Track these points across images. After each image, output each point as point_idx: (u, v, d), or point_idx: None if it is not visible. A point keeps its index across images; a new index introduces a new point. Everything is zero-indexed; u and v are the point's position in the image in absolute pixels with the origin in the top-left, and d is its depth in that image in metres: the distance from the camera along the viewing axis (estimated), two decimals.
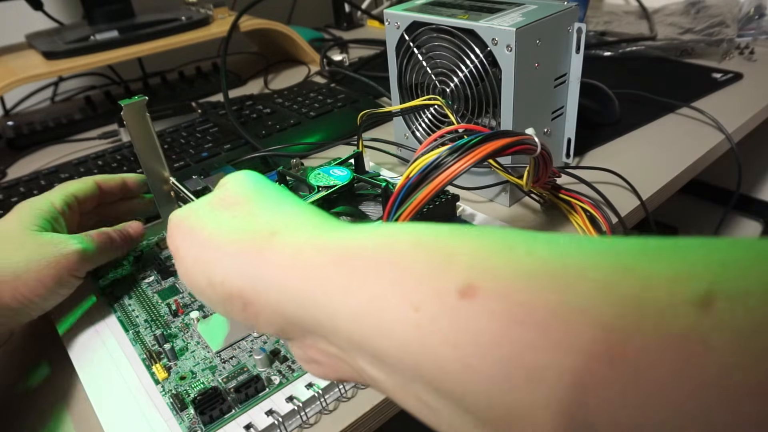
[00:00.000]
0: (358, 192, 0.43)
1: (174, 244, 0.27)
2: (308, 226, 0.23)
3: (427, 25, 0.46)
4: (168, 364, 0.34)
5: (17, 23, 0.84)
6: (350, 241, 0.20)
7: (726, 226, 0.98)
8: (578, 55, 0.45)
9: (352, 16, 1.10)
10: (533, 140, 0.35)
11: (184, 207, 0.29)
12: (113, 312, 0.40)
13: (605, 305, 0.14)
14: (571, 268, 0.15)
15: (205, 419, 0.30)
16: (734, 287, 0.13)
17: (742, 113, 0.60)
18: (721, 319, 0.13)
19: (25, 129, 0.73)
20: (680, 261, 0.14)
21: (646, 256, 0.15)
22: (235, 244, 0.23)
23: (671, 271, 0.14)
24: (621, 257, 0.15)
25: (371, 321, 0.18)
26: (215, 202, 0.27)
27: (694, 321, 0.13)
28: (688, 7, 0.85)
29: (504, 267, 0.16)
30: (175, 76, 0.86)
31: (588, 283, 0.15)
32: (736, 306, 0.13)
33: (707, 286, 0.13)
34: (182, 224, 0.27)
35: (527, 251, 0.17)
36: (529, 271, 0.16)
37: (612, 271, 0.15)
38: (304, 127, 0.64)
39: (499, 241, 0.17)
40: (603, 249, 0.16)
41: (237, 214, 0.25)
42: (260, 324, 0.23)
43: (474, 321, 0.16)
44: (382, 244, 0.19)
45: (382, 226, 0.21)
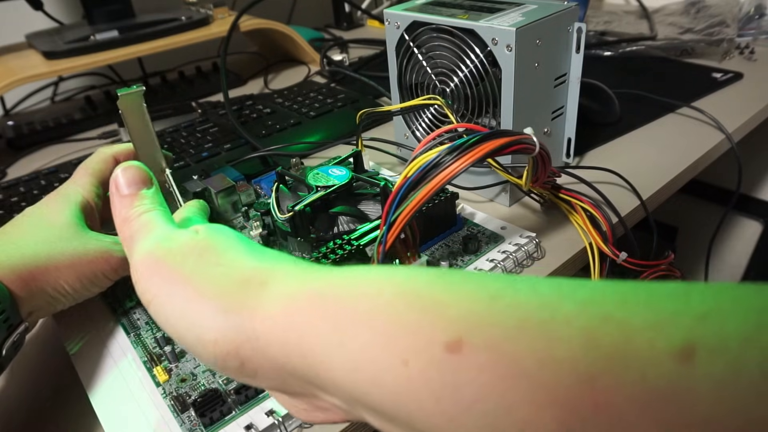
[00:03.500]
0: (356, 191, 0.43)
1: (150, 290, 0.23)
2: (295, 273, 0.22)
3: (427, 25, 0.46)
4: (169, 366, 0.34)
5: (17, 23, 0.84)
6: (340, 288, 0.20)
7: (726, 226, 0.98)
8: (578, 55, 0.45)
9: (352, 16, 1.10)
10: (532, 140, 0.35)
11: (150, 241, 0.25)
12: (115, 315, 0.40)
13: (590, 357, 0.14)
14: (556, 318, 0.15)
15: (206, 421, 0.30)
16: (713, 337, 0.13)
17: (742, 113, 0.60)
18: (703, 371, 0.13)
19: (25, 129, 0.73)
20: (659, 310, 0.14)
21: (626, 304, 0.15)
22: (225, 297, 0.21)
23: (651, 320, 0.14)
24: (603, 306, 0.15)
25: (365, 374, 0.18)
26: (191, 244, 0.24)
27: (676, 374, 0.13)
28: (688, 7, 0.85)
29: (490, 318, 0.16)
30: (175, 76, 0.86)
31: (573, 332, 0.15)
32: (716, 357, 0.13)
33: (686, 336, 0.13)
34: (159, 265, 0.24)
35: (512, 301, 0.17)
36: (516, 323, 0.16)
37: (595, 320, 0.15)
38: (304, 127, 0.64)
39: (482, 290, 0.17)
40: (585, 297, 0.16)
41: (221, 262, 0.23)
42: (258, 379, 0.21)
43: (461, 375, 0.16)
44: (369, 294, 0.19)
45: (367, 272, 0.20)
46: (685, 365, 0.13)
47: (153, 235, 0.26)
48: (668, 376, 0.13)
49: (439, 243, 0.43)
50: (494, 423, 0.15)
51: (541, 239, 0.43)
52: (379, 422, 0.19)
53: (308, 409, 0.22)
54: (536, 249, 0.41)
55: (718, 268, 1.02)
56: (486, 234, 0.43)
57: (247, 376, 0.21)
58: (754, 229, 0.95)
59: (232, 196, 0.48)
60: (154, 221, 0.27)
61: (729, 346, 0.13)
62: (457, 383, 0.16)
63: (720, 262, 1.02)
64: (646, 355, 0.14)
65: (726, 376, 0.13)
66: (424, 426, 0.17)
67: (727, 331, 0.13)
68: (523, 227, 0.43)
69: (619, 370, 0.14)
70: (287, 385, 0.21)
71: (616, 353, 0.14)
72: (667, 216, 1.04)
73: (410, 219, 0.32)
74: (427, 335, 0.17)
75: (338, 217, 0.41)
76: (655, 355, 0.14)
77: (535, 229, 0.43)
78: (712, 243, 0.78)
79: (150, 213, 0.28)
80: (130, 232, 0.27)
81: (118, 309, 0.40)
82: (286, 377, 0.21)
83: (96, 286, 0.37)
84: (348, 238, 0.37)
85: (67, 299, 0.36)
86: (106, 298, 0.41)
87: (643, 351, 0.14)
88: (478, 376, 0.15)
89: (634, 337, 0.14)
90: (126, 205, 0.28)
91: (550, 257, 0.42)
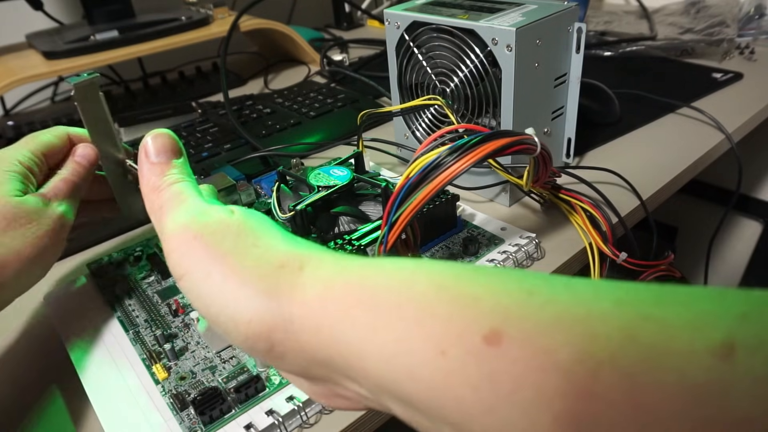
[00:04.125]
0: (358, 192, 0.43)
1: (183, 264, 0.23)
2: (329, 260, 0.21)
3: (427, 25, 0.46)
4: (168, 364, 0.34)
5: (17, 23, 0.84)
6: (373, 278, 0.20)
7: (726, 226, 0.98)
8: (578, 55, 0.45)
9: (352, 16, 1.10)
10: (533, 140, 0.35)
11: (185, 214, 0.24)
12: (114, 312, 0.40)
13: (629, 354, 0.14)
14: (593, 315, 0.16)
15: (205, 419, 0.30)
16: (753, 336, 0.13)
17: (742, 113, 0.60)
18: (742, 368, 0.13)
19: (25, 129, 0.73)
20: (697, 309, 0.15)
21: (663, 304, 0.15)
22: (264, 279, 0.21)
23: (689, 318, 0.14)
24: (640, 305, 0.15)
25: (398, 363, 0.18)
26: (228, 222, 0.23)
27: (715, 371, 0.13)
28: (688, 7, 0.85)
29: (526, 312, 0.16)
30: (175, 76, 0.86)
31: (611, 331, 0.15)
32: (755, 355, 0.13)
33: (726, 334, 0.14)
34: (196, 240, 0.23)
35: (549, 297, 0.17)
36: (552, 317, 0.16)
37: (633, 318, 0.15)
38: (304, 127, 0.64)
39: (518, 285, 0.17)
40: (621, 296, 0.16)
41: (258, 243, 0.23)
42: (285, 363, 0.21)
43: (500, 365, 0.16)
44: (404, 283, 0.19)
45: (401, 263, 0.20)
46: (725, 362, 0.13)
47: (187, 208, 0.25)
48: (707, 373, 0.13)
49: (440, 244, 0.43)
50: (530, 414, 0.15)
51: (541, 239, 0.43)
52: (406, 412, 0.19)
53: (329, 395, 0.22)
54: (536, 249, 0.41)
55: (718, 268, 1.02)
56: (486, 236, 0.43)
57: (274, 359, 0.21)
58: (754, 229, 0.95)
59: (232, 195, 0.48)
60: (185, 192, 0.26)
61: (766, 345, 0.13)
62: (495, 373, 0.16)
63: (720, 262, 1.02)
64: (686, 353, 0.14)
65: (764, 373, 0.13)
66: (457, 417, 0.17)
67: (766, 331, 0.13)
68: (523, 227, 0.43)
69: (659, 367, 0.14)
70: (311, 370, 0.21)
71: (655, 351, 0.14)
72: (667, 216, 1.04)
73: (411, 219, 0.32)
74: (465, 326, 0.17)
75: (339, 217, 0.41)
76: (694, 352, 0.14)
77: (535, 230, 0.43)
78: (712, 243, 0.78)
79: (181, 183, 0.27)
80: (160, 201, 0.26)
81: (116, 306, 0.40)
82: (313, 363, 0.21)
83: (46, 261, 0.34)
84: (349, 239, 0.37)
85: (19, 284, 0.34)
86: (105, 295, 0.41)
87: (683, 349, 0.14)
88: (516, 367, 0.16)
89: (673, 336, 0.14)
90: (156, 173, 0.27)
91: (550, 257, 0.42)
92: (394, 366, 0.18)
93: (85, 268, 0.44)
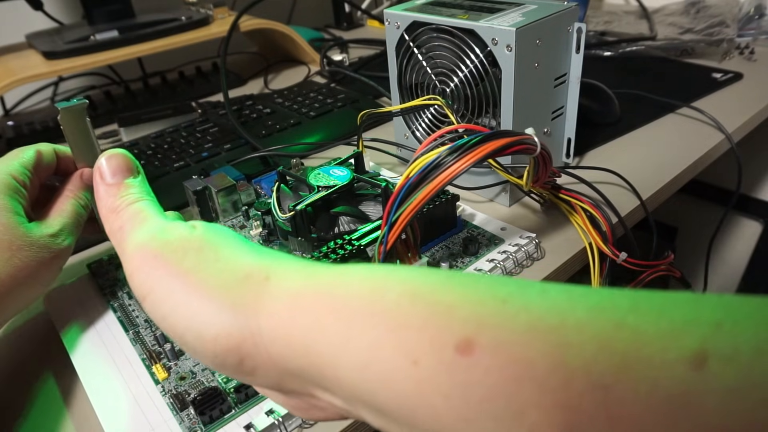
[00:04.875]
0: (357, 192, 0.43)
1: (146, 284, 0.22)
2: (297, 269, 0.21)
3: (427, 25, 0.46)
4: (168, 365, 0.34)
5: (17, 23, 0.84)
6: (344, 285, 0.19)
7: (726, 226, 0.98)
8: (578, 55, 0.45)
9: (352, 16, 1.10)
10: (533, 140, 0.35)
11: (145, 232, 0.24)
12: (113, 312, 0.40)
13: (603, 363, 0.14)
14: (567, 324, 0.15)
15: (205, 419, 0.30)
16: (726, 346, 0.13)
17: (742, 113, 0.60)
18: (714, 378, 0.13)
19: (25, 129, 0.73)
20: (672, 317, 0.14)
21: (638, 312, 0.15)
22: (228, 292, 0.21)
23: (663, 326, 0.14)
24: (614, 312, 0.15)
25: (371, 372, 0.18)
26: (189, 239, 0.23)
27: (689, 382, 0.13)
28: (688, 7, 0.85)
29: (499, 320, 0.16)
30: (175, 76, 0.86)
31: (585, 339, 0.15)
32: (728, 365, 0.13)
33: (699, 343, 0.13)
34: (157, 259, 0.22)
35: (523, 305, 0.16)
36: (526, 326, 0.16)
37: (607, 326, 0.15)
38: (304, 127, 0.64)
39: (492, 294, 0.17)
40: (596, 303, 0.16)
41: (220, 257, 0.22)
42: (257, 377, 0.21)
43: (472, 375, 0.16)
44: (376, 291, 0.19)
45: (372, 269, 0.20)
46: (698, 372, 0.13)
47: (147, 226, 0.25)
48: (680, 384, 0.13)
49: (440, 244, 0.43)
50: (504, 424, 0.15)
51: (541, 239, 0.43)
52: (380, 421, 0.19)
53: (305, 407, 0.22)
54: (536, 249, 0.41)
55: (718, 268, 1.02)
56: (486, 236, 0.43)
57: (245, 374, 0.21)
58: (754, 229, 0.95)
59: (232, 195, 0.48)
60: (145, 211, 0.26)
61: (741, 355, 0.13)
62: (467, 383, 0.16)
63: (720, 262, 1.02)
64: (659, 363, 0.14)
65: (737, 384, 0.13)
66: (430, 425, 0.17)
67: (739, 341, 0.13)
68: (523, 227, 0.43)
69: (632, 377, 0.14)
70: (284, 383, 0.21)
71: (629, 360, 0.14)
72: (667, 216, 1.04)
73: (411, 219, 0.32)
74: (437, 336, 0.17)
75: (339, 217, 0.41)
76: (667, 362, 0.14)
77: (535, 230, 0.43)
78: (712, 243, 0.78)
79: (140, 203, 0.27)
80: (119, 222, 0.26)
81: (116, 306, 0.40)
82: (285, 376, 0.20)
83: (43, 286, 0.36)
84: (349, 238, 0.37)
85: (22, 306, 0.35)
86: (105, 295, 0.41)
87: (656, 358, 0.14)
88: (488, 378, 0.15)
89: (647, 344, 0.14)
90: (112, 194, 0.27)
91: (550, 257, 0.42)
92: (367, 375, 0.18)
93: (85, 268, 0.44)
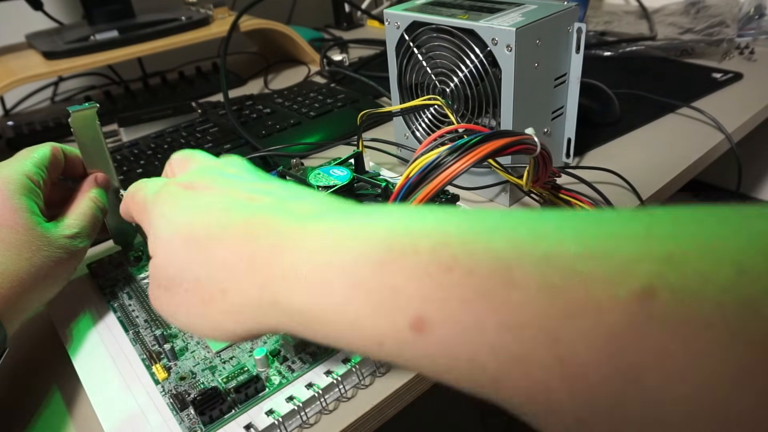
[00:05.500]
0: (358, 192, 0.43)
1: (203, 179, 0.27)
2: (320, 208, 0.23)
3: (427, 25, 0.46)
4: (168, 365, 0.34)
5: (17, 23, 0.84)
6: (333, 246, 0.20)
7: None
8: (578, 55, 0.45)
9: (352, 16, 1.10)
10: (533, 140, 0.35)
11: None
12: (113, 312, 0.40)
13: (550, 312, 0.15)
14: (515, 280, 0.16)
15: (205, 419, 0.30)
16: (675, 278, 0.14)
17: (742, 113, 0.60)
18: (662, 311, 0.14)
19: (25, 129, 0.73)
20: (621, 257, 0.15)
21: (585, 257, 0.15)
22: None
23: (612, 268, 0.15)
24: (563, 261, 0.16)
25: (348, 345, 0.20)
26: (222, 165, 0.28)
27: (635, 315, 0.14)
28: (688, 7, 0.85)
29: (447, 293, 0.17)
30: (175, 76, 0.86)
31: (532, 294, 0.15)
32: (676, 296, 0.14)
33: (647, 279, 0.14)
34: (211, 170, 0.28)
35: (468, 269, 0.17)
36: (473, 291, 0.16)
37: (555, 278, 0.15)
38: (304, 127, 0.64)
39: (437, 264, 0.17)
40: (544, 252, 0.16)
41: None
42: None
43: (430, 350, 0.17)
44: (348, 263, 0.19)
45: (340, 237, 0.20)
46: (644, 306, 0.14)
47: None
48: (627, 317, 0.14)
49: None
50: (470, 379, 0.17)
51: None
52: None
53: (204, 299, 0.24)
54: None
55: None
56: None
57: None
58: None
59: None
60: None
61: (689, 285, 0.14)
62: (430, 356, 0.17)
63: None
64: (606, 303, 0.14)
65: (684, 312, 0.13)
66: None
67: (687, 271, 0.14)
68: None
69: (578, 318, 0.15)
70: None
71: (578, 306, 0.15)
72: None
73: None
74: (392, 318, 0.18)
75: None
76: (614, 300, 0.14)
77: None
78: None
79: None
80: None
81: (116, 306, 0.40)
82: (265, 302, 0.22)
83: (59, 285, 0.37)
84: None
85: (40, 305, 0.36)
86: (105, 295, 0.41)
87: (604, 299, 0.14)
88: (446, 348, 0.17)
89: (595, 287, 0.15)
90: None
91: None
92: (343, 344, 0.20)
93: (85, 268, 0.44)
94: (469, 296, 0.16)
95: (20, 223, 0.33)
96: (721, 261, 0.14)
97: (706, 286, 0.13)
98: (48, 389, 0.36)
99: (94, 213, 0.38)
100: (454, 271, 0.17)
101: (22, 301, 0.33)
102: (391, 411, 0.33)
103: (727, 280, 0.13)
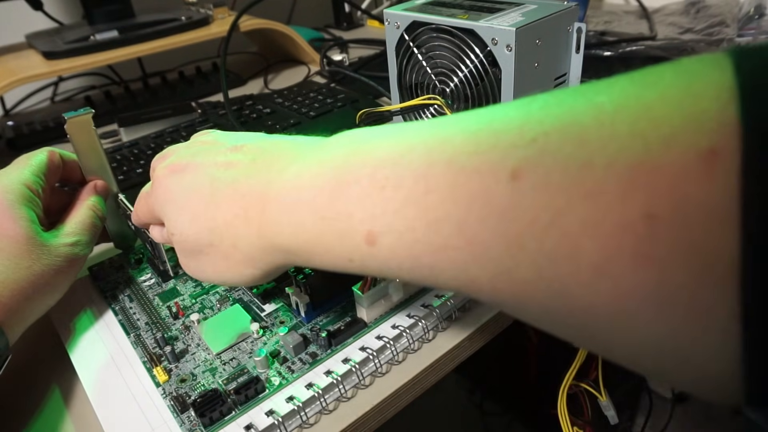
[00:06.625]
0: None
1: None
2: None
3: (427, 25, 0.46)
4: (169, 367, 0.34)
5: (17, 23, 0.84)
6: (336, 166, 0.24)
7: None
8: (578, 54, 0.45)
9: (352, 16, 1.10)
10: None
11: None
12: (114, 315, 0.40)
13: (458, 205, 0.19)
14: (430, 186, 0.19)
15: (206, 421, 0.30)
16: (536, 159, 0.17)
17: None
18: (528, 185, 0.17)
19: (25, 129, 0.73)
20: (498, 146, 0.18)
21: (471, 152, 0.19)
22: None
23: (493, 159, 0.18)
24: (461, 157, 0.19)
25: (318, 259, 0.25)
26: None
27: (510, 190, 0.18)
28: (688, 7, 0.85)
29: (384, 207, 0.21)
30: (175, 76, 0.86)
31: (443, 194, 0.19)
32: (536, 173, 0.17)
33: (514, 163, 0.17)
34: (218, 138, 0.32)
35: (395, 186, 0.21)
36: (399, 204, 0.20)
37: (456, 174, 0.19)
38: (304, 127, 0.64)
39: (373, 185, 0.21)
40: (455, 150, 0.19)
41: None
42: None
43: (383, 257, 0.22)
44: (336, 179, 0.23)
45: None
46: (514, 186, 0.17)
47: None
48: (506, 199, 0.17)
49: None
50: (417, 273, 0.21)
51: None
52: None
53: None
54: None
55: None
56: None
57: None
58: None
59: None
60: None
61: (544, 161, 0.17)
62: (384, 262, 0.22)
63: None
64: (494, 189, 0.18)
65: (542, 184, 0.17)
66: None
67: (548, 153, 0.17)
68: None
69: (478, 208, 0.18)
70: None
71: (474, 196, 0.18)
72: None
73: None
74: (351, 239, 0.22)
75: None
76: (497, 185, 0.18)
77: None
78: None
79: None
80: None
81: (117, 309, 0.40)
82: None
83: (60, 293, 0.37)
84: None
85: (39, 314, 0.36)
86: (106, 298, 0.41)
87: (492, 186, 0.18)
88: (394, 253, 0.21)
89: (485, 179, 0.18)
90: None
91: None
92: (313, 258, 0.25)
93: (86, 270, 0.44)
94: (399, 206, 0.20)
95: (20, 233, 0.34)
96: (567, 138, 0.17)
97: (556, 160, 0.17)
98: (48, 390, 0.36)
99: (93, 221, 0.39)
100: (386, 189, 0.21)
101: (23, 309, 0.34)
102: (391, 411, 0.33)
103: (566, 153, 0.17)
